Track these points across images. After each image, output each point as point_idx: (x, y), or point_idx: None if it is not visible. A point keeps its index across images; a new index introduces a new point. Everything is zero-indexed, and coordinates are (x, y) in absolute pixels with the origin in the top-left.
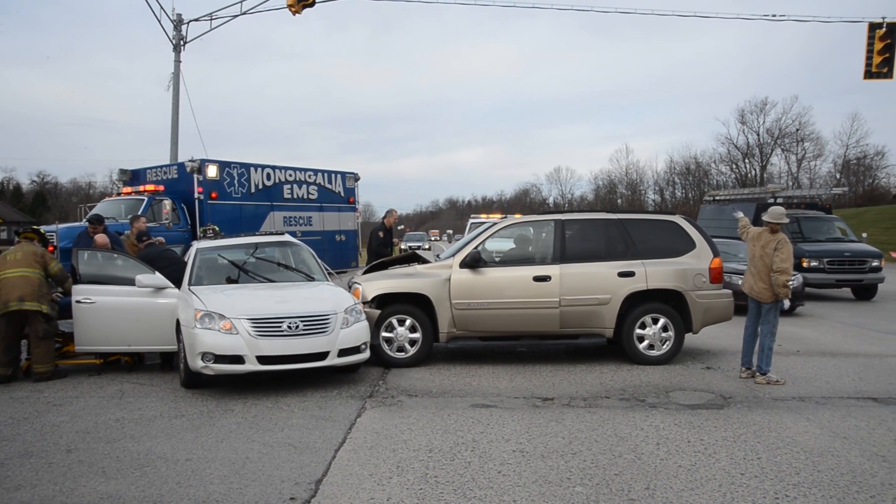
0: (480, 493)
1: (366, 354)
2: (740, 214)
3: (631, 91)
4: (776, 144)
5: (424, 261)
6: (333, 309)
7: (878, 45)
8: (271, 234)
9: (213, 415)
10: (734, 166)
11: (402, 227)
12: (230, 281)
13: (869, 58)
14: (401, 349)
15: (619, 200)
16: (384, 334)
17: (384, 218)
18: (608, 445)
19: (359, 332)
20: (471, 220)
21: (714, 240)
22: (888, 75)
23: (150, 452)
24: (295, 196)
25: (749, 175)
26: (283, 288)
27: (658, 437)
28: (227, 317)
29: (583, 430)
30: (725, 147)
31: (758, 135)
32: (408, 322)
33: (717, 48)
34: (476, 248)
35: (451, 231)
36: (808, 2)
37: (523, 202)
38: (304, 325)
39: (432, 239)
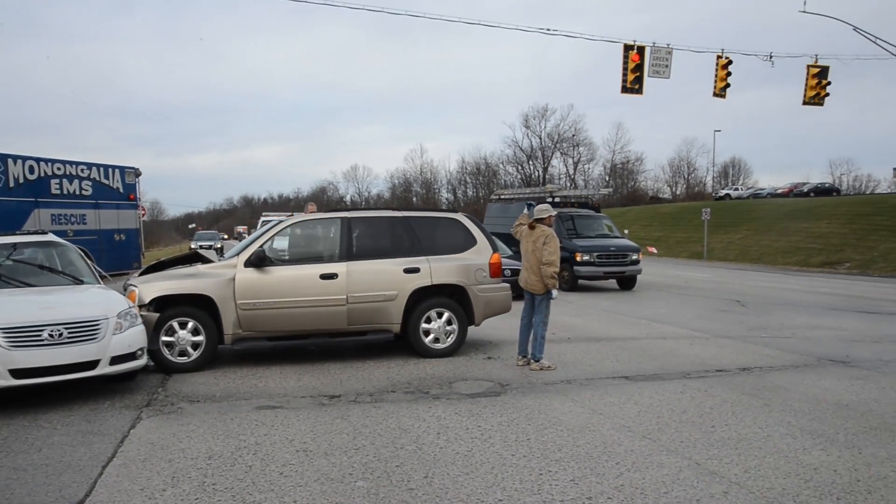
0: (260, 497)
1: (143, 361)
2: (525, 211)
3: (425, 93)
4: (556, 148)
5: (207, 260)
6: (104, 314)
7: (631, 65)
8: (31, 233)
9: None
10: (520, 167)
11: (194, 225)
12: None
13: (624, 75)
14: (183, 353)
15: (415, 199)
16: (164, 338)
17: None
18: (391, 438)
19: (134, 337)
20: (262, 218)
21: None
22: (639, 91)
23: None
24: (65, 192)
25: (533, 176)
26: (44, 293)
27: (439, 426)
28: None
29: (367, 425)
30: (512, 149)
31: (540, 138)
32: (190, 325)
33: (505, 56)
34: (261, 246)
35: (241, 229)
36: (582, 19)
37: (321, 200)
38: (70, 333)
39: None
